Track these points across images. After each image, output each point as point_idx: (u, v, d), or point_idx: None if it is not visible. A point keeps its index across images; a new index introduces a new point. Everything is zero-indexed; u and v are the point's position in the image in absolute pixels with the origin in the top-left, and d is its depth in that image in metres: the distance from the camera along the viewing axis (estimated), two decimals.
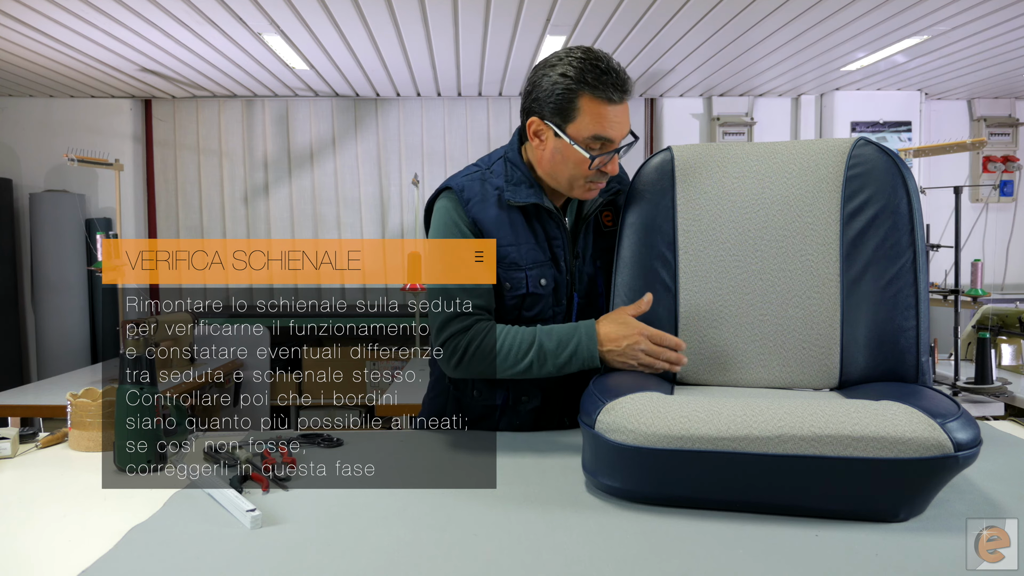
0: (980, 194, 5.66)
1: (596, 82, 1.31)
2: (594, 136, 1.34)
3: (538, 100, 1.38)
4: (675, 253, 1.40)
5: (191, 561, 0.93)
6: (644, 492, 1.09)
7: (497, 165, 1.47)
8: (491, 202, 1.42)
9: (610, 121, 1.33)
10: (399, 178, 5.70)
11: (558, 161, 1.38)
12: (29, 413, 3.06)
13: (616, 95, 1.32)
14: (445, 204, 1.43)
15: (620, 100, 1.34)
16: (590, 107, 1.33)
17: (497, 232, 1.41)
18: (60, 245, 5.21)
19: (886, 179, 1.33)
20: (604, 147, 1.35)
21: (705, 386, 1.39)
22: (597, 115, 1.33)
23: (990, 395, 3.09)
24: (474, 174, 1.46)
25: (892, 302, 1.30)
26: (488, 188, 1.43)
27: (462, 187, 1.43)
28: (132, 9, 3.54)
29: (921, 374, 1.29)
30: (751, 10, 3.65)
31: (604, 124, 1.33)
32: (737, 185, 1.40)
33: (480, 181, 1.44)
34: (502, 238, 1.41)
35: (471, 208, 1.41)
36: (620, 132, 1.35)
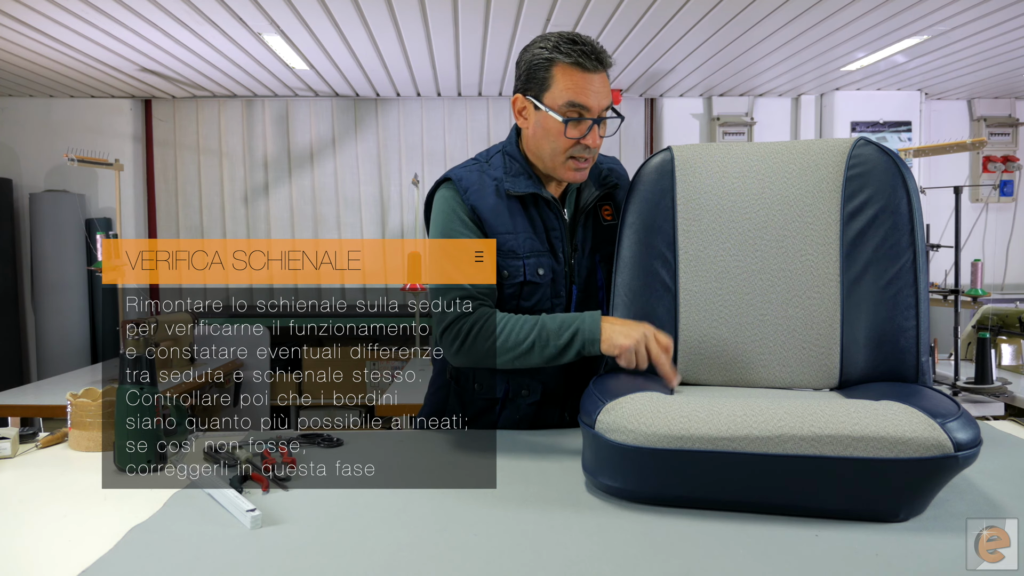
0: (980, 194, 5.66)
1: (568, 50, 1.36)
2: (568, 103, 1.36)
3: (519, 77, 1.43)
4: (675, 253, 1.40)
5: (191, 561, 0.93)
6: (644, 492, 1.09)
7: (496, 158, 1.50)
8: (489, 191, 1.44)
9: (584, 88, 1.36)
10: (399, 178, 5.69)
11: (540, 136, 1.42)
12: (29, 413, 3.06)
13: (589, 63, 1.36)
14: (444, 194, 1.46)
15: (594, 68, 1.37)
16: (563, 74, 1.36)
17: (495, 220, 1.43)
18: (60, 245, 5.21)
19: (886, 179, 1.33)
20: (581, 115, 1.38)
21: (705, 386, 1.39)
22: (570, 81, 1.36)
23: (990, 395, 3.09)
24: (472, 166, 1.49)
25: (892, 302, 1.30)
26: (486, 179, 1.46)
27: (460, 177, 1.46)
28: (132, 9, 3.53)
29: (921, 374, 1.29)
30: (751, 10, 3.65)
31: (578, 90, 1.36)
32: (737, 185, 1.40)
33: (479, 172, 1.47)
34: (500, 226, 1.43)
35: (469, 196, 1.43)
36: (597, 101, 1.37)
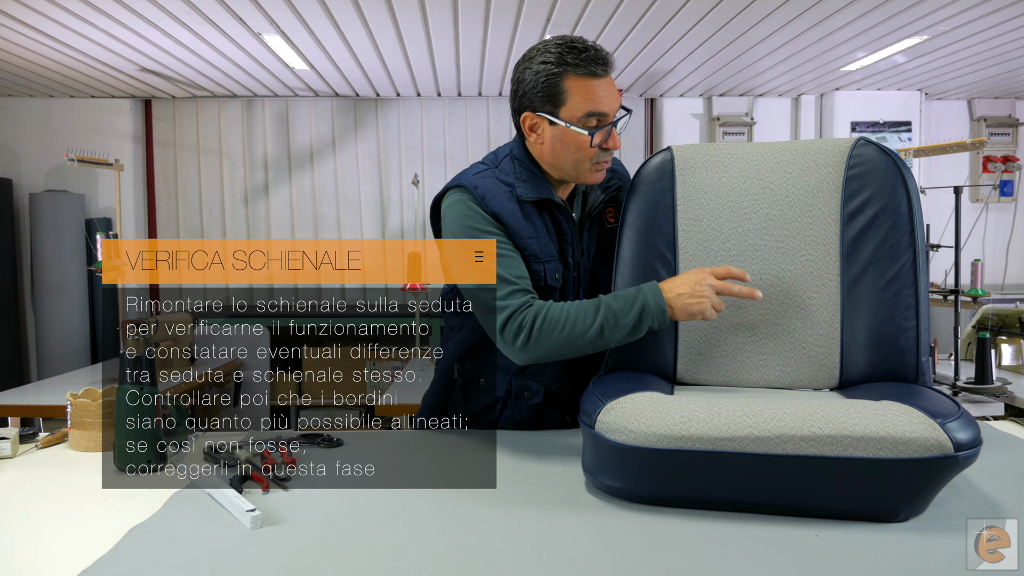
0: (980, 194, 5.66)
1: (577, 61, 1.34)
2: (588, 113, 1.36)
3: (526, 95, 1.39)
4: (675, 253, 1.40)
5: (191, 561, 0.93)
6: (644, 492, 1.09)
7: (505, 163, 1.47)
8: (504, 197, 1.41)
9: (600, 95, 1.35)
10: (399, 178, 5.69)
11: (559, 149, 1.39)
12: (29, 413, 3.06)
13: (599, 69, 1.35)
14: (460, 198, 1.41)
15: (604, 73, 1.36)
16: (577, 86, 1.35)
17: (518, 225, 1.39)
18: (60, 245, 5.21)
19: (886, 179, 1.33)
20: (600, 122, 1.36)
21: (705, 386, 1.39)
22: (586, 92, 1.35)
23: (990, 395, 3.09)
24: (484, 171, 1.45)
25: (892, 302, 1.30)
26: (500, 185, 1.42)
27: (475, 184, 1.42)
28: (132, 9, 3.53)
29: (921, 374, 1.29)
30: (751, 10, 3.65)
31: (595, 99, 1.35)
32: (737, 185, 1.40)
33: (492, 178, 1.43)
34: (523, 230, 1.40)
35: (488, 203, 1.39)
36: (612, 105, 1.37)
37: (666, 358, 1.38)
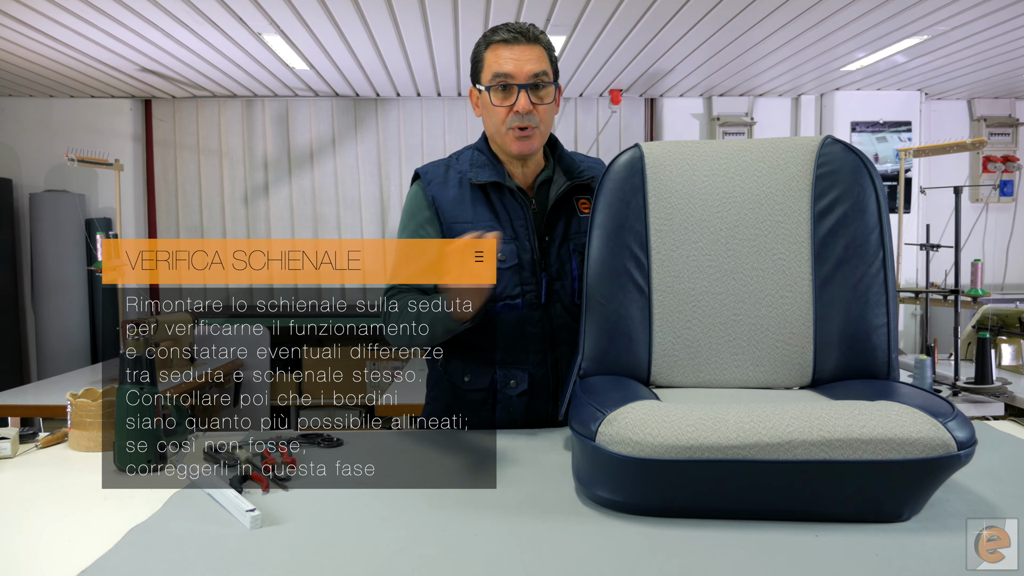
0: (980, 194, 5.66)
1: (492, 34, 1.49)
2: (493, 75, 1.48)
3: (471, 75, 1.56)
4: (647, 253, 1.37)
5: (191, 561, 0.93)
6: (647, 504, 1.05)
7: (464, 153, 1.61)
8: (452, 184, 1.55)
9: (504, 58, 1.47)
10: (399, 178, 5.70)
11: (485, 118, 1.53)
12: (29, 413, 3.07)
13: (509, 35, 1.47)
14: (412, 190, 1.59)
15: (515, 40, 1.47)
16: (490, 54, 1.50)
17: (453, 210, 1.52)
18: (60, 245, 5.21)
19: (854, 178, 1.33)
20: (506, 85, 1.47)
21: (680, 388, 1.36)
22: (494, 56, 1.49)
23: (990, 395, 3.09)
24: (440, 161, 1.61)
25: (864, 300, 1.30)
26: (451, 173, 1.57)
27: (426, 171, 1.58)
28: (132, 9, 3.53)
29: (891, 370, 1.31)
30: (751, 10, 3.65)
31: (500, 61, 1.47)
32: (708, 184, 1.39)
33: (445, 167, 1.58)
34: (459, 215, 1.52)
35: (431, 188, 1.54)
36: (518, 68, 1.46)
37: (640, 360, 1.36)
